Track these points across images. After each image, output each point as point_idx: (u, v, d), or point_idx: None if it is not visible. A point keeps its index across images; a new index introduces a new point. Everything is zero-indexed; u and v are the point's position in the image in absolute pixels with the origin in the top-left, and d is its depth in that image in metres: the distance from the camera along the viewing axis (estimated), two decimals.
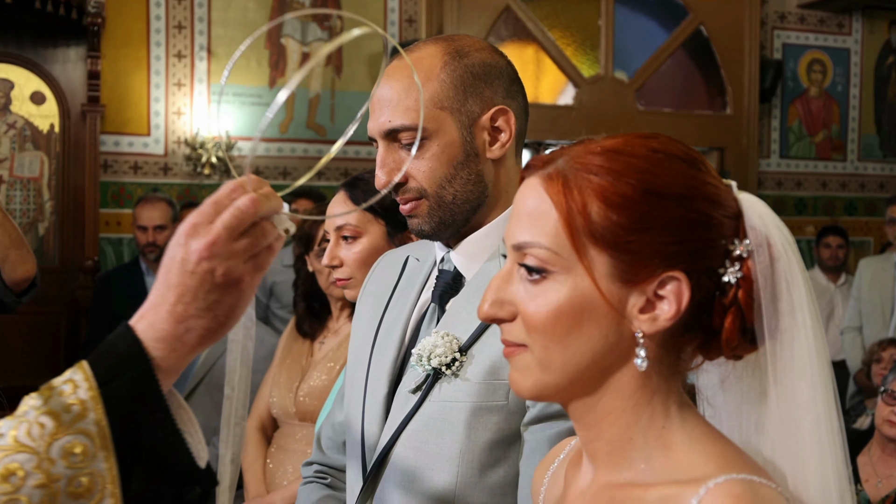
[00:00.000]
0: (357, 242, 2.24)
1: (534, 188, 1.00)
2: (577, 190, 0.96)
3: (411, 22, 6.91)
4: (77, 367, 0.97)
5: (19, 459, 0.91)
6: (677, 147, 1.00)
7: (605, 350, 0.97)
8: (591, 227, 0.95)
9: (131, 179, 6.38)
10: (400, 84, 1.48)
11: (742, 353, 1.00)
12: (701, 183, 0.98)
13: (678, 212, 0.95)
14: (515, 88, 1.55)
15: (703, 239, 0.96)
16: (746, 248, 0.97)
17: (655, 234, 0.95)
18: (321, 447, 1.85)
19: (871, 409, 4.89)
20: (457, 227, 1.53)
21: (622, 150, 0.98)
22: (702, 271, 0.96)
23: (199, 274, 0.99)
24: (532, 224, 0.98)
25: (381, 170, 1.51)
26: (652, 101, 7.54)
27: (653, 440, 1.00)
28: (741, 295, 0.97)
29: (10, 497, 0.90)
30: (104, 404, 0.94)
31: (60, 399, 0.94)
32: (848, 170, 8.29)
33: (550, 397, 1.02)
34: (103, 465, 0.93)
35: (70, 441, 0.93)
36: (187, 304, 0.99)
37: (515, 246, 1.00)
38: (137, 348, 0.98)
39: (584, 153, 0.99)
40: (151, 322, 0.99)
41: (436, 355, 1.44)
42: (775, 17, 7.95)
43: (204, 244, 0.98)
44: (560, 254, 0.96)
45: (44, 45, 6.32)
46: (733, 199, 1.00)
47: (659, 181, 0.96)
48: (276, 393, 2.99)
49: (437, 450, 1.44)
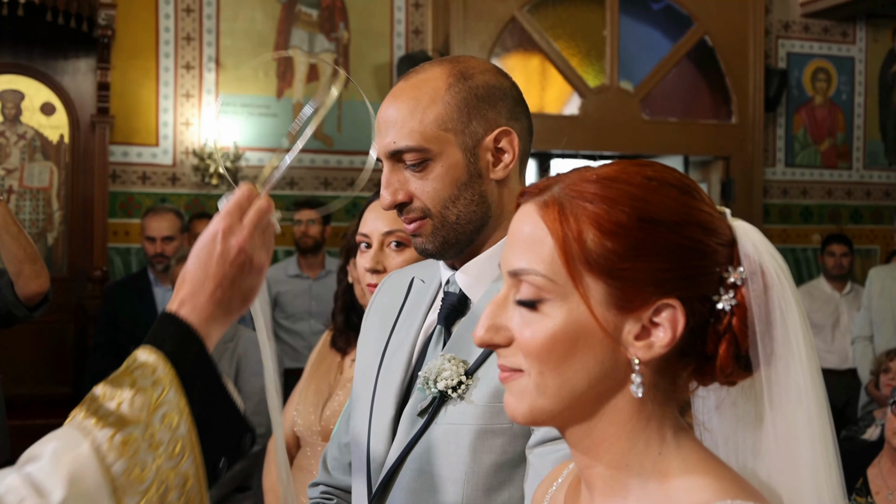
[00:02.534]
0: (406, 250, 2.16)
1: (529, 215, 1.01)
2: (572, 217, 0.97)
3: (417, 33, 6.95)
4: (146, 350, 1.15)
5: (131, 431, 1.09)
6: (671, 174, 1.01)
7: (600, 376, 0.98)
8: (587, 254, 0.96)
9: (140, 189, 6.43)
10: (405, 105, 1.50)
11: (736, 379, 1.01)
12: (695, 210, 0.98)
13: (673, 239, 0.96)
14: (519, 109, 1.56)
15: (697, 266, 0.97)
16: (740, 276, 0.97)
17: (650, 262, 0.95)
18: (327, 468, 1.87)
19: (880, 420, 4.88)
20: (461, 247, 1.55)
21: (617, 178, 0.98)
22: (696, 298, 0.97)
23: (238, 264, 1.24)
24: (528, 251, 0.99)
25: (386, 190, 1.52)
26: (657, 111, 7.55)
27: (649, 467, 1.00)
28: (735, 322, 0.97)
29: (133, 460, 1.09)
30: (180, 380, 1.13)
31: (145, 378, 1.13)
32: (853, 178, 8.29)
33: (545, 422, 1.03)
34: (185, 429, 1.12)
35: (165, 411, 1.12)
36: (225, 289, 1.23)
37: (511, 272, 1.01)
38: (188, 330, 1.19)
39: (579, 181, 1.00)
40: (194, 306, 1.21)
41: (442, 378, 1.45)
42: (779, 26, 7.97)
43: (242, 239, 1.24)
44: (556, 281, 0.97)
45: (54, 56, 6.37)
46: (727, 227, 1.00)
47: (653, 209, 0.96)
48: (301, 408, 2.86)
49: (442, 472, 1.45)
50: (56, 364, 6.29)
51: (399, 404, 1.57)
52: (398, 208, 1.54)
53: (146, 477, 1.08)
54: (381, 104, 1.56)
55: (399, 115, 1.50)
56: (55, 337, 6.30)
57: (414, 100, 1.50)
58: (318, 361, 2.92)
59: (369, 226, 2.22)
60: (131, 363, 1.15)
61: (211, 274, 1.22)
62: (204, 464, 1.13)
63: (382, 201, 1.53)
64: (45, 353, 6.19)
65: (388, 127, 1.52)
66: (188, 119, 6.47)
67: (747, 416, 1.03)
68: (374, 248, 2.19)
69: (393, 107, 1.52)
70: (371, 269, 2.18)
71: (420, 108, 1.49)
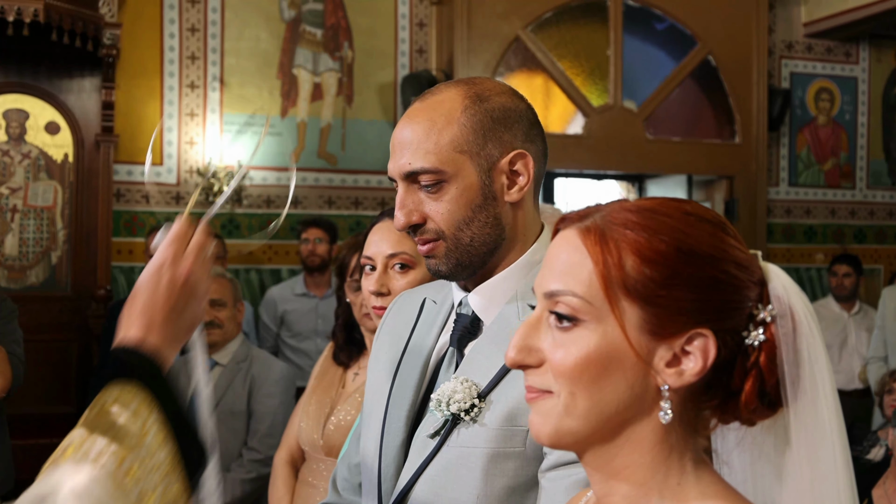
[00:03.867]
0: (410, 273, 2.17)
1: (570, 240, 1.03)
2: (612, 243, 0.99)
3: (421, 52, 6.97)
4: (117, 386, 1.17)
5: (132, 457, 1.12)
6: (707, 212, 1.04)
7: (629, 401, 0.99)
8: (626, 279, 0.98)
9: (144, 208, 6.43)
10: (420, 127, 1.50)
11: (757, 418, 1.02)
12: (730, 247, 1.01)
13: (708, 271, 0.98)
14: (535, 132, 1.57)
15: (730, 300, 0.99)
16: (770, 314, 1.00)
17: (686, 291, 0.98)
18: (337, 488, 1.86)
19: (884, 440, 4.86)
20: (474, 269, 1.54)
21: (657, 210, 1.01)
22: (727, 331, 0.99)
23: (187, 289, 1.29)
24: (566, 273, 1.01)
25: (400, 211, 1.52)
26: (661, 130, 7.56)
27: (668, 497, 1.01)
28: (762, 359, 0.99)
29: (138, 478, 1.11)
30: (158, 406, 1.17)
31: (129, 409, 1.16)
32: (857, 197, 8.29)
33: (569, 445, 1.03)
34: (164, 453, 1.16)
35: (154, 435, 1.16)
36: (176, 316, 1.28)
37: (547, 294, 1.02)
38: (146, 357, 1.22)
39: (620, 210, 1.02)
40: (146, 335, 1.25)
41: (455, 401, 1.45)
42: (783, 46, 8.00)
43: (186, 267, 1.30)
44: (592, 303, 0.99)
45: (59, 75, 6.39)
46: (758, 267, 1.03)
47: (692, 241, 0.99)
48: (304, 423, 2.86)
49: (454, 495, 1.44)
50: (60, 383, 6.28)
51: (411, 426, 1.56)
52: (412, 229, 1.53)
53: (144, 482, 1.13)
54: (397, 125, 1.56)
55: (414, 136, 1.50)
56: (59, 356, 6.29)
57: (430, 121, 1.50)
58: (321, 375, 2.92)
59: (373, 248, 2.21)
60: (105, 401, 1.17)
61: (161, 302, 1.27)
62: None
63: (396, 222, 1.53)
64: (49, 372, 6.17)
65: (403, 148, 1.52)
66: (192, 138, 6.48)
67: (769, 453, 1.04)
68: (378, 270, 2.19)
69: (408, 128, 1.52)
70: (376, 292, 2.18)
71: (436, 129, 1.49)
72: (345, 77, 6.83)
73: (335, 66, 6.83)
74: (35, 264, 6.37)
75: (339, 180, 6.79)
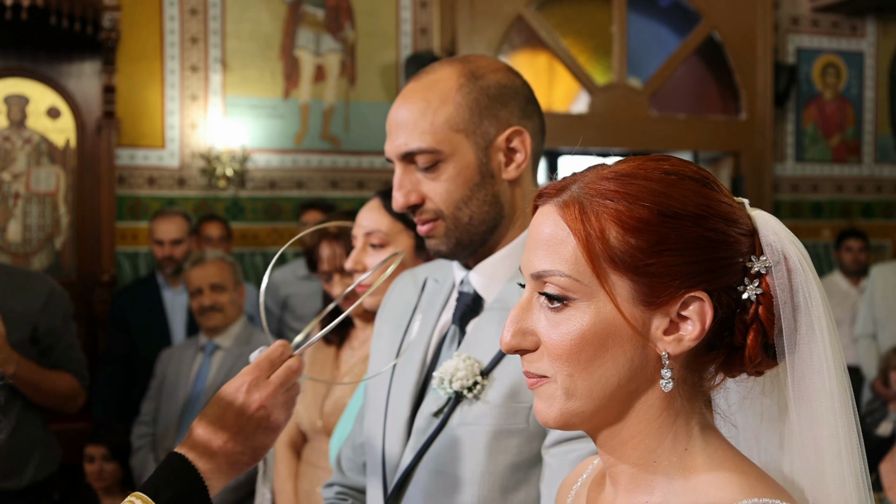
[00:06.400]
0: (384, 251, 2.22)
1: (549, 215, 1.00)
2: (593, 216, 0.96)
3: (424, 32, 6.92)
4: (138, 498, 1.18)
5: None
6: (689, 168, 1.00)
7: (630, 374, 0.97)
8: (611, 251, 0.95)
9: (147, 193, 6.42)
10: (416, 107, 1.50)
11: (764, 368, 1.00)
12: (715, 202, 0.98)
13: (695, 231, 0.95)
14: (531, 108, 1.55)
15: (721, 257, 0.96)
16: (764, 265, 0.97)
17: (675, 256, 0.95)
18: (341, 468, 1.86)
19: (893, 415, 4.85)
20: (474, 248, 1.54)
21: (635, 174, 0.98)
22: (722, 290, 0.97)
23: (256, 419, 1.27)
24: (550, 252, 0.98)
25: (399, 191, 1.53)
26: (666, 107, 7.53)
27: (675, 463, 0.99)
28: (762, 311, 0.97)
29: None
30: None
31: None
32: (864, 173, 8.25)
33: (577, 426, 1.01)
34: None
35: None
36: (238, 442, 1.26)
37: (534, 275, 1.00)
38: (195, 476, 1.22)
39: (597, 179, 0.99)
40: (200, 454, 1.23)
41: (457, 378, 1.45)
42: (788, 21, 7.93)
43: (265, 395, 1.27)
44: (581, 280, 0.96)
45: (59, 60, 6.36)
46: (747, 217, 1.00)
47: (674, 202, 0.96)
48: (300, 406, 2.85)
49: (458, 472, 1.44)
50: None
51: (414, 405, 1.56)
52: (411, 210, 1.53)
53: None
54: (392, 105, 1.55)
55: (410, 116, 1.50)
56: None
57: (425, 101, 1.49)
58: (312, 357, 2.92)
59: (357, 226, 2.31)
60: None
61: (227, 425, 1.26)
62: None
63: (395, 203, 1.53)
64: None
65: (399, 128, 1.51)
66: (194, 121, 6.45)
67: (771, 409, 1.03)
68: (357, 247, 2.27)
69: (404, 108, 1.51)
70: (351, 270, 2.26)
71: (431, 109, 1.48)
72: (347, 58, 6.80)
73: (337, 46, 6.79)
74: (39, 250, 6.36)
75: (343, 162, 6.76)
